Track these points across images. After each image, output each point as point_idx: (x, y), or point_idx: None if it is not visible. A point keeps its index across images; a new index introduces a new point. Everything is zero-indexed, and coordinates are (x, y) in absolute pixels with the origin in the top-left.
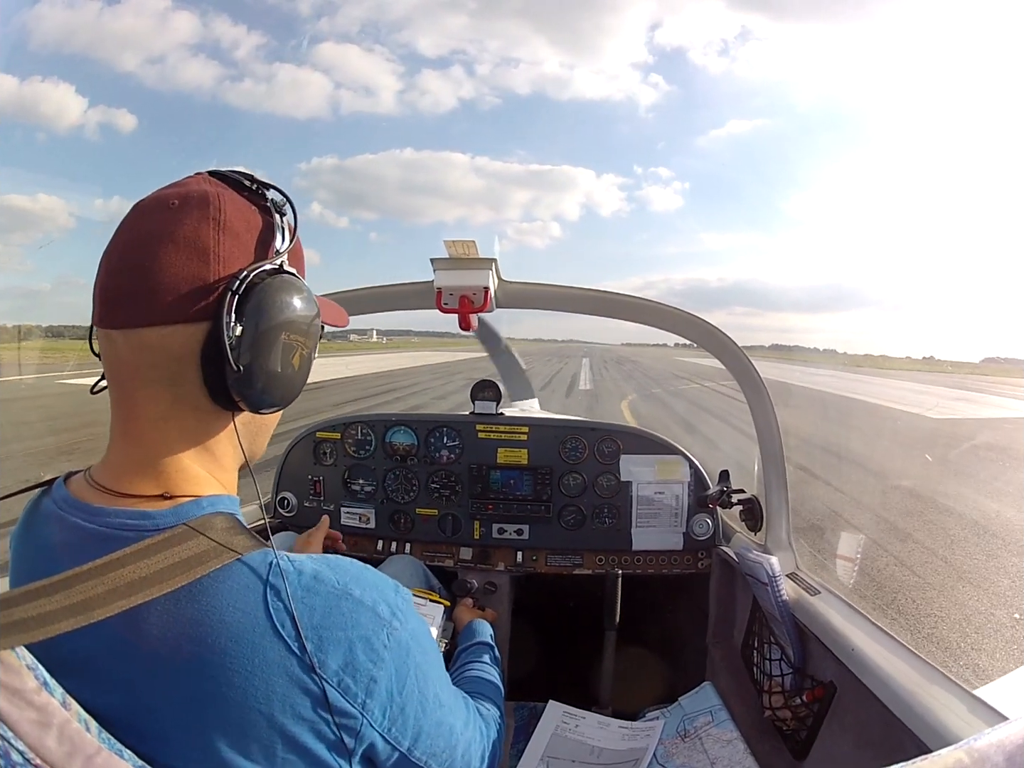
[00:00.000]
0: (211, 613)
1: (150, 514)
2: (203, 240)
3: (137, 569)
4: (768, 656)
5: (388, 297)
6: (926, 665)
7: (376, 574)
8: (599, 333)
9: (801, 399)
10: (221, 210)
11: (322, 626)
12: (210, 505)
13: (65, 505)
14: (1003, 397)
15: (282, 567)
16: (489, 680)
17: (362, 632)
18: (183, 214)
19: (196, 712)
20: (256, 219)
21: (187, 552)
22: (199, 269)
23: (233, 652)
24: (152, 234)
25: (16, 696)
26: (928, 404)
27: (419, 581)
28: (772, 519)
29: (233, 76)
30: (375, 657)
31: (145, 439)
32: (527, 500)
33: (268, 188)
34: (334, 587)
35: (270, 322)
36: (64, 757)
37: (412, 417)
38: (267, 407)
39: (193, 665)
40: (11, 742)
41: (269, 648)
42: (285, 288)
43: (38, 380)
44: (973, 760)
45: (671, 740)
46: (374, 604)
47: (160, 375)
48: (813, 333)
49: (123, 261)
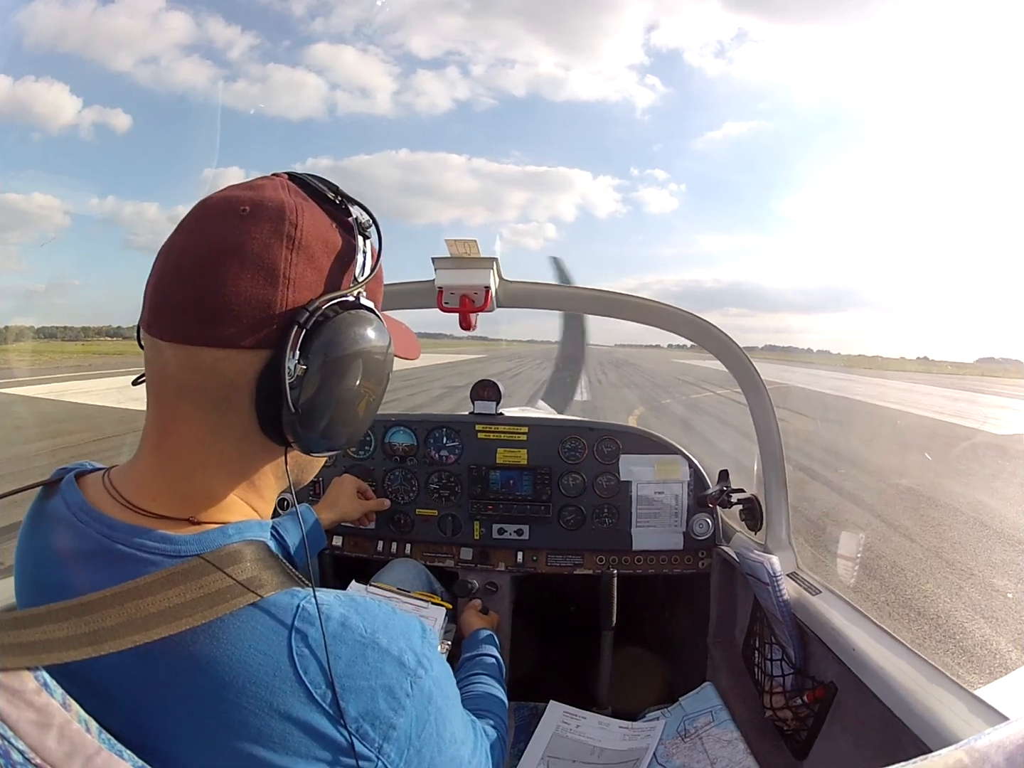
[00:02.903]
0: (231, 653)
1: (173, 538)
2: (273, 259)
3: (155, 602)
4: (769, 656)
5: (388, 296)
6: (927, 665)
7: (404, 619)
8: (593, 334)
9: (846, 414)
10: (297, 226)
11: (346, 675)
12: (237, 533)
13: (80, 512)
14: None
15: (310, 611)
16: (494, 695)
17: (386, 681)
18: (254, 225)
19: (205, 748)
20: (335, 239)
21: (210, 587)
22: (266, 292)
23: (251, 693)
24: (217, 244)
25: (16, 697)
26: (974, 416)
27: (421, 584)
28: (772, 518)
29: (227, 76)
30: (396, 705)
31: (179, 459)
32: (527, 500)
33: (353, 203)
34: (361, 635)
35: (338, 365)
36: (64, 757)
37: (411, 417)
38: (321, 450)
39: (208, 703)
40: (11, 741)
41: (290, 693)
42: (359, 325)
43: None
44: (973, 760)
45: (671, 740)
46: (400, 653)
47: (207, 398)
48: (807, 334)
49: (181, 271)
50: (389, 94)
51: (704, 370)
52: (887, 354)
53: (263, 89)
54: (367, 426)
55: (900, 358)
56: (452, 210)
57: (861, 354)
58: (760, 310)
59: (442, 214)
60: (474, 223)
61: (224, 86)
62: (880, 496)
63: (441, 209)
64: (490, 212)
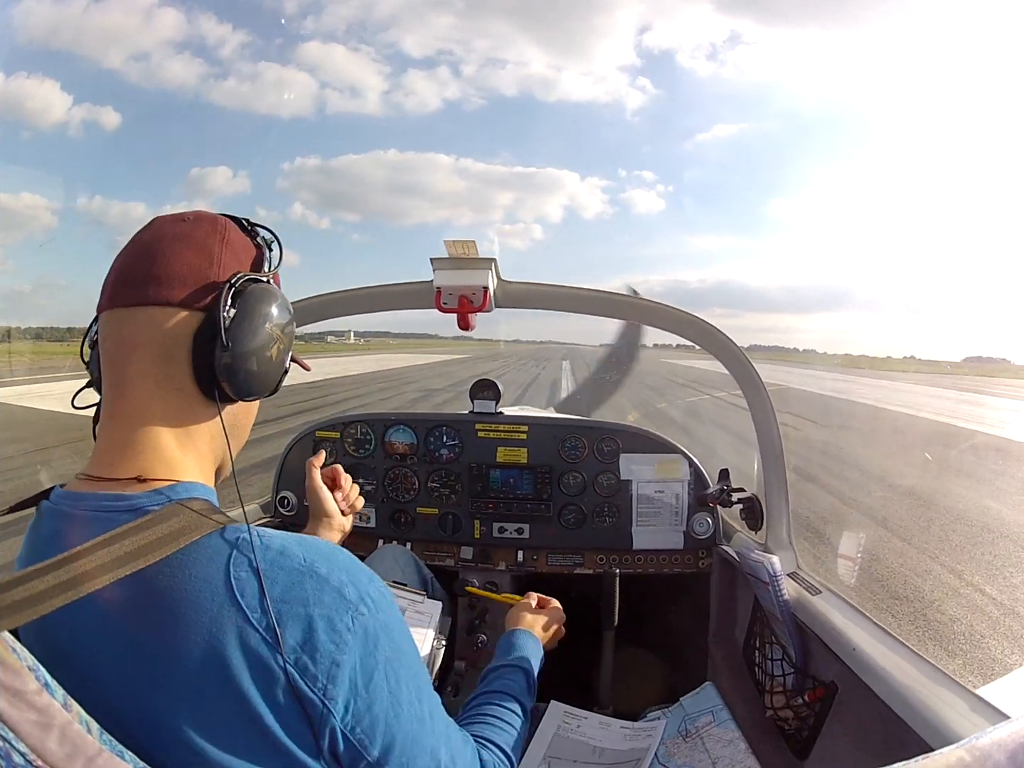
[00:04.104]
0: (178, 583)
1: (125, 496)
2: (211, 246)
3: (123, 546)
4: (769, 656)
5: (386, 297)
6: (927, 664)
7: (350, 559)
8: (578, 335)
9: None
10: (227, 229)
11: (282, 600)
12: (185, 491)
13: (57, 498)
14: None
15: (250, 539)
16: (506, 723)
17: (324, 611)
18: (197, 226)
19: (159, 686)
20: (250, 246)
21: (168, 528)
22: (204, 266)
23: (193, 621)
24: (169, 234)
25: (17, 698)
26: (989, 420)
27: (411, 571)
28: (772, 518)
29: (217, 74)
30: (337, 639)
31: (130, 415)
32: (527, 499)
33: (262, 227)
34: (300, 563)
35: (258, 312)
36: (65, 759)
37: (412, 416)
38: (246, 393)
39: (163, 637)
40: (12, 743)
41: (227, 619)
42: (272, 292)
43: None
44: (975, 759)
45: (672, 740)
46: (341, 585)
47: (155, 352)
48: (793, 333)
49: (140, 252)
50: (379, 93)
51: (695, 371)
52: (873, 353)
53: (253, 88)
54: (280, 375)
55: (887, 357)
56: (440, 210)
57: (847, 353)
58: (746, 310)
59: (430, 214)
60: (461, 223)
61: (214, 84)
62: (937, 532)
63: (429, 210)
64: (477, 213)
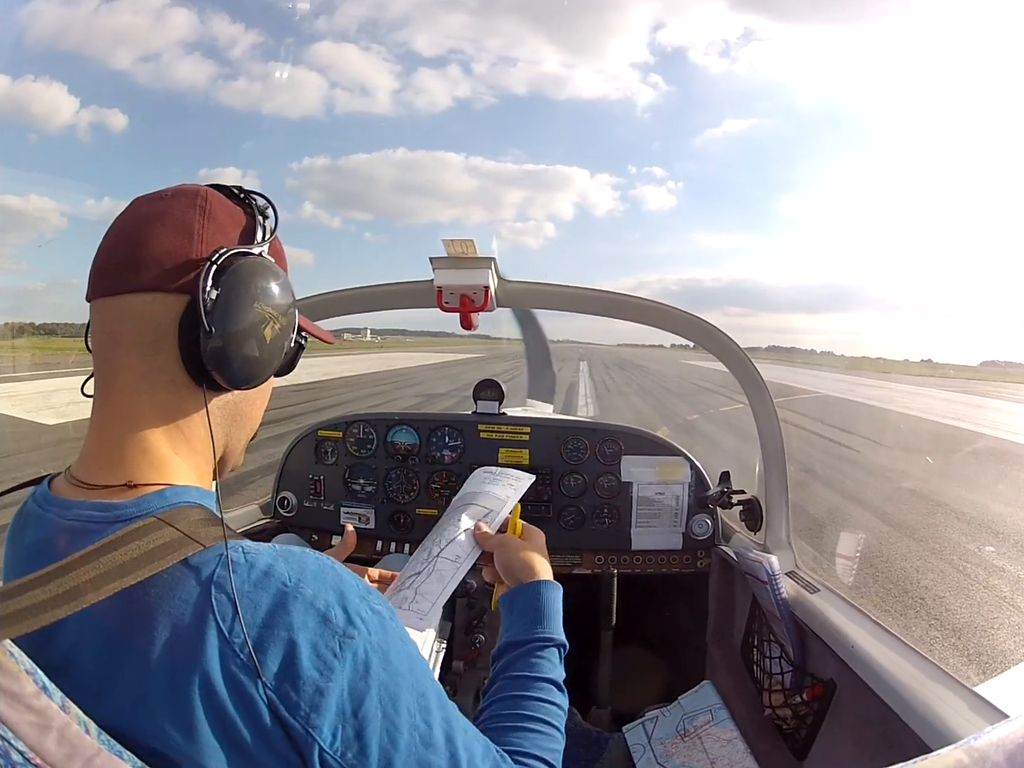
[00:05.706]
0: (163, 605)
1: (114, 505)
2: (189, 223)
3: (113, 558)
4: (768, 654)
5: (389, 296)
6: (926, 662)
7: (341, 577)
8: (595, 334)
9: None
10: (208, 201)
11: (264, 625)
12: (176, 496)
13: (43, 502)
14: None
15: (233, 558)
16: (547, 724)
17: (308, 635)
18: (174, 202)
19: (151, 707)
20: (240, 216)
21: (151, 544)
22: (183, 245)
23: (174, 643)
24: (144, 216)
25: (15, 700)
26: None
27: None
28: (772, 519)
29: (227, 75)
30: (321, 666)
31: (118, 413)
32: (527, 500)
33: (255, 195)
34: (284, 584)
35: (244, 290)
36: (64, 759)
37: (414, 416)
38: (241, 381)
39: (144, 659)
40: (11, 742)
41: (209, 643)
42: (262, 266)
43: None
44: (973, 760)
45: (671, 739)
46: (326, 608)
47: (139, 342)
48: (810, 334)
49: (116, 238)
50: (389, 92)
51: (719, 373)
52: (890, 356)
53: (263, 88)
54: (277, 358)
55: (904, 360)
56: (450, 209)
57: (864, 356)
58: (761, 309)
59: (440, 213)
60: (472, 222)
61: (223, 84)
62: None
63: (439, 208)
64: (488, 211)
